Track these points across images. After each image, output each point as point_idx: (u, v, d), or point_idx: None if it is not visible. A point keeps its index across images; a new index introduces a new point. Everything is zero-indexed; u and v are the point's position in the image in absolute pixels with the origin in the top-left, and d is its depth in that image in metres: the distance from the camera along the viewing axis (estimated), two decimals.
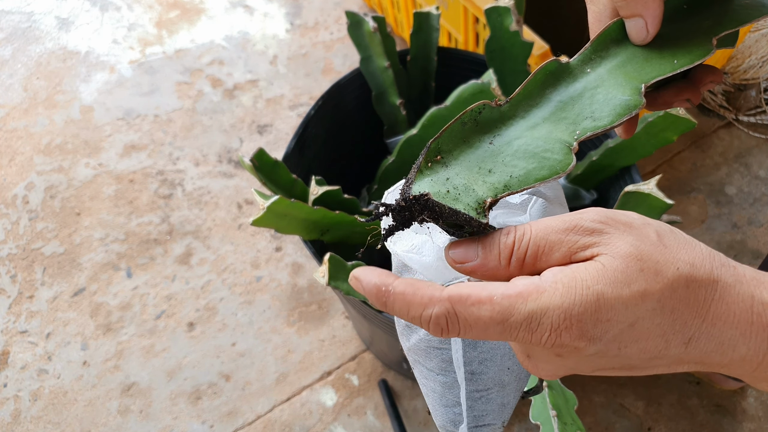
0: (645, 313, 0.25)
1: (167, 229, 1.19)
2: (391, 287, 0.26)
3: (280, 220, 0.65)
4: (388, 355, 0.96)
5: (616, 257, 0.25)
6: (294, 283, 1.12)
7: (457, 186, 0.27)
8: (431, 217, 0.26)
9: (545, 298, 0.24)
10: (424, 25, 0.84)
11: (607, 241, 0.25)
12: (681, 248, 0.26)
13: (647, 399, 0.99)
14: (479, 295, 0.25)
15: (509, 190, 0.27)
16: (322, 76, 1.39)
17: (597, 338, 0.25)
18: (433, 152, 0.28)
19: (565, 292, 0.24)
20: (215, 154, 1.28)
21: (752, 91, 1.24)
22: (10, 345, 1.08)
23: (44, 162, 1.29)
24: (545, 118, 0.30)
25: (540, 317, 0.24)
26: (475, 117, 0.29)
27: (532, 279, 0.25)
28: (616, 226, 0.26)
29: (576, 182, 0.83)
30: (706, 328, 0.25)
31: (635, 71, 0.31)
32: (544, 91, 0.31)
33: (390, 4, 1.29)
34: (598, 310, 0.24)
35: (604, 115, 0.29)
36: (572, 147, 0.28)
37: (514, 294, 0.24)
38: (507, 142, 0.29)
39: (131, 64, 1.43)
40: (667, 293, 0.25)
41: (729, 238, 1.12)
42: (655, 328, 0.25)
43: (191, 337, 1.08)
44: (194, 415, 1.01)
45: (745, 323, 0.25)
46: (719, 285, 0.25)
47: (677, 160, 1.22)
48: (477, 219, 0.26)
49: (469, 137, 0.29)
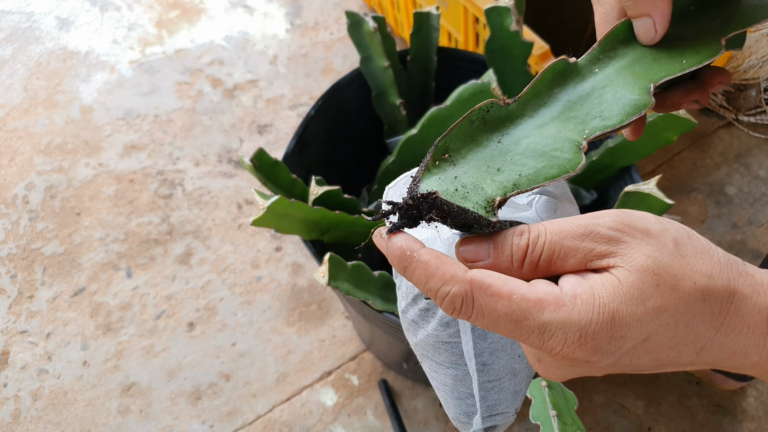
0: (659, 328, 0.25)
1: (167, 229, 1.19)
2: (416, 254, 0.26)
3: (280, 220, 0.65)
4: (388, 355, 0.96)
5: (632, 271, 0.25)
6: (294, 283, 1.12)
7: (465, 184, 0.27)
8: (439, 216, 0.26)
9: (563, 312, 0.24)
10: (424, 25, 0.84)
11: (624, 252, 0.25)
12: (699, 258, 0.25)
13: (647, 399, 0.99)
14: (500, 288, 0.24)
15: (518, 189, 0.27)
16: (322, 76, 1.39)
17: (610, 353, 0.25)
18: (441, 150, 0.28)
19: (583, 309, 0.24)
20: (215, 154, 1.28)
21: (752, 91, 1.24)
22: (10, 345, 1.08)
23: (44, 162, 1.29)
24: (554, 117, 0.30)
25: (555, 329, 0.24)
26: (483, 116, 0.29)
27: (552, 288, 0.25)
28: (633, 234, 0.25)
29: (576, 182, 0.83)
30: (719, 338, 0.25)
31: (644, 71, 0.31)
32: (552, 90, 0.31)
33: (390, 4, 1.29)
34: (613, 328, 0.24)
35: (613, 114, 0.29)
36: (581, 146, 0.28)
37: (534, 299, 0.24)
38: (515, 141, 0.29)
39: (131, 64, 1.43)
40: (682, 308, 0.25)
41: (729, 238, 1.12)
42: (668, 340, 0.25)
43: (191, 337, 1.08)
44: (194, 415, 1.01)
45: (759, 334, 0.25)
46: (736, 297, 0.25)
47: (677, 160, 1.22)
48: (486, 218, 0.26)
49: (477, 136, 0.29)
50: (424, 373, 1.04)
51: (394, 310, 0.65)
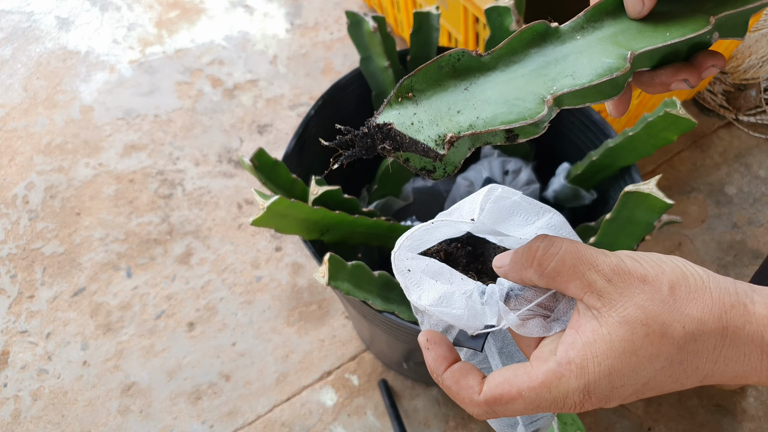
0: (655, 372, 0.27)
1: (167, 229, 1.19)
2: (441, 378, 0.31)
3: (280, 220, 0.65)
4: (388, 355, 0.96)
5: (622, 323, 0.27)
6: (294, 283, 1.12)
7: (422, 120, 0.27)
8: (392, 146, 0.27)
9: (564, 383, 0.27)
10: (424, 24, 0.84)
11: (617, 299, 0.27)
12: (691, 300, 0.27)
13: (647, 399, 0.99)
14: (510, 393, 0.28)
15: (473, 130, 0.27)
16: (322, 76, 1.39)
17: (615, 399, 0.28)
18: (406, 89, 0.28)
19: (579, 373, 0.27)
20: (215, 154, 1.28)
21: (752, 91, 1.24)
22: (10, 345, 1.08)
23: (44, 162, 1.29)
24: (524, 74, 0.30)
25: (564, 399, 0.28)
26: (454, 63, 0.29)
27: (549, 364, 0.28)
28: (630, 282, 0.28)
29: (576, 182, 0.83)
30: (718, 368, 0.27)
31: (626, 41, 0.31)
32: (528, 50, 0.31)
33: (390, 4, 1.29)
34: (612, 381, 0.27)
35: (584, 74, 0.29)
36: (545, 99, 0.28)
37: (538, 385, 0.28)
38: (481, 90, 0.29)
39: (131, 63, 1.43)
40: (674, 351, 0.27)
41: (729, 238, 1.12)
42: (667, 378, 0.28)
43: (191, 337, 1.08)
44: (194, 415, 1.01)
45: (755, 360, 0.27)
46: (729, 331, 0.27)
47: (677, 160, 1.22)
48: (434, 150, 0.27)
49: (444, 81, 0.29)
50: (424, 373, 1.04)
51: (394, 310, 0.65)
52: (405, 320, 0.65)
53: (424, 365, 0.95)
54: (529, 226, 0.34)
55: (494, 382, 0.29)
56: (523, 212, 0.34)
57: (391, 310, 0.65)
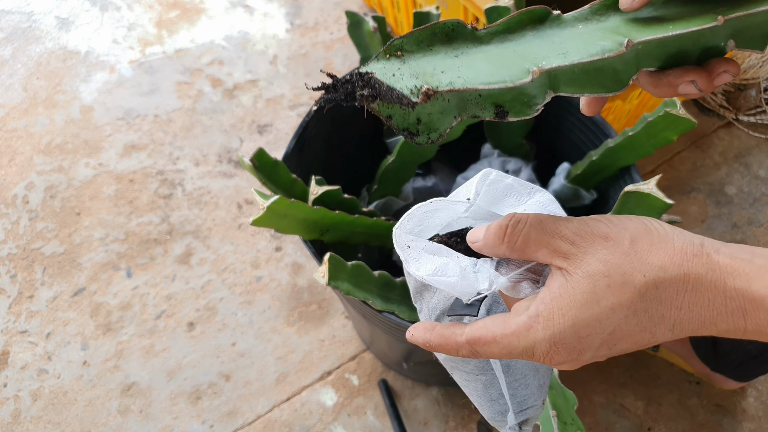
0: (620, 321, 0.29)
1: (167, 229, 1.19)
2: (429, 343, 0.34)
3: (280, 220, 0.65)
4: (388, 355, 0.96)
5: (584, 277, 0.29)
6: (294, 283, 1.12)
7: (404, 73, 0.28)
8: (371, 93, 0.27)
9: (532, 334, 0.30)
10: (424, 24, 0.84)
11: (581, 257, 0.29)
12: (652, 251, 0.29)
13: (647, 399, 0.99)
14: (486, 337, 0.31)
15: (451, 87, 0.28)
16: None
17: (584, 350, 0.29)
18: (396, 47, 0.29)
19: (546, 325, 0.29)
20: (215, 154, 1.28)
21: (752, 91, 1.24)
22: (10, 345, 1.08)
23: (44, 162, 1.29)
24: (516, 51, 0.30)
25: (532, 349, 0.30)
26: (448, 32, 0.30)
27: (522, 317, 0.30)
28: (592, 240, 0.29)
29: (576, 182, 0.83)
30: (685, 315, 0.28)
31: (627, 32, 0.31)
32: (524, 31, 0.31)
33: (390, 4, 1.29)
34: (576, 331, 0.29)
35: (576, 53, 0.29)
36: (532, 70, 0.28)
37: (510, 333, 0.30)
38: (470, 59, 0.29)
39: (131, 64, 1.43)
40: (636, 299, 0.28)
41: (729, 238, 1.12)
42: (634, 327, 0.29)
43: (191, 337, 1.08)
44: (194, 415, 1.01)
45: (720, 306, 0.28)
46: (690, 277, 0.28)
47: (677, 160, 1.22)
48: (408, 97, 0.27)
49: (435, 46, 0.29)
50: (424, 373, 1.04)
51: (394, 310, 0.65)
52: (405, 320, 0.65)
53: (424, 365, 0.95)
54: (522, 205, 0.37)
55: (475, 326, 0.32)
56: (515, 193, 0.37)
57: (391, 310, 0.65)
